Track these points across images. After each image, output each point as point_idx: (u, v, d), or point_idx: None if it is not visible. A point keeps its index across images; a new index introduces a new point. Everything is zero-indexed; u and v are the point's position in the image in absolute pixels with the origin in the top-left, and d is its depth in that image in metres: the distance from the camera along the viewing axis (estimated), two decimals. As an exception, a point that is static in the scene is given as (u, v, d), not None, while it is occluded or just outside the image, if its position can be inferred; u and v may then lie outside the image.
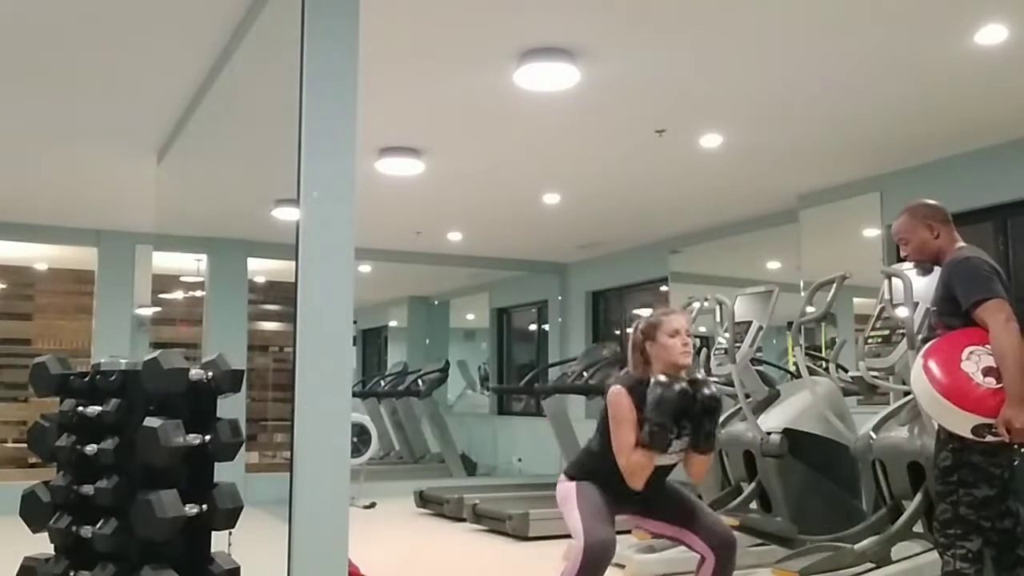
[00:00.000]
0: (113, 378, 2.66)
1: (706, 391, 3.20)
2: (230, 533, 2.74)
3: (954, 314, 3.11)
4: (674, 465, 3.34)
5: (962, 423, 2.98)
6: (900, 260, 3.63)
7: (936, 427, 3.20)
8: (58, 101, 5.06)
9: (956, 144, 5.78)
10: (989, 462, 3.00)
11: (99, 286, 8.37)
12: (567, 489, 3.31)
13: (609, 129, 5.55)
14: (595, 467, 3.29)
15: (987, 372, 2.97)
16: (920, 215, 3.30)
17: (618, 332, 9.87)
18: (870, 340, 4.63)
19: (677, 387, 3.13)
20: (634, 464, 3.16)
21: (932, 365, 3.04)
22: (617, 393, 3.23)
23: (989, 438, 2.94)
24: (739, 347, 5.36)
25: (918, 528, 4.49)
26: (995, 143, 5.71)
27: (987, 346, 3.00)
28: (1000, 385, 2.93)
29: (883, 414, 4.69)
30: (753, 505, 5.35)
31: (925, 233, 3.27)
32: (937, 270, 3.31)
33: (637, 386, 3.22)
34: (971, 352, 3.01)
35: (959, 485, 3.03)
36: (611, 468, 3.22)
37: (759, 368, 5.83)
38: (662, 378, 3.15)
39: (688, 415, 3.18)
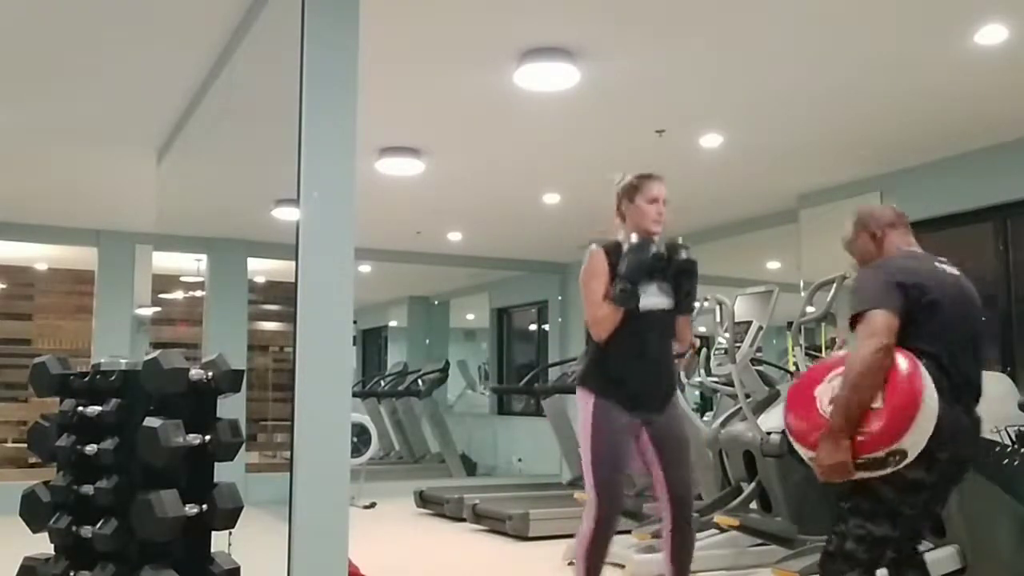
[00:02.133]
0: (113, 378, 2.66)
1: (682, 254, 3.29)
2: (230, 533, 2.74)
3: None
4: (664, 323, 3.34)
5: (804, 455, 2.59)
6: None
7: None
8: (58, 101, 5.06)
9: (956, 144, 5.78)
10: (900, 499, 2.52)
11: (99, 286, 8.37)
12: (585, 407, 3.28)
13: (609, 129, 5.55)
14: (604, 365, 3.28)
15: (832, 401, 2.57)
16: (861, 222, 2.96)
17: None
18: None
19: (651, 249, 3.22)
20: (600, 315, 3.22)
21: (794, 385, 2.80)
22: (593, 251, 3.32)
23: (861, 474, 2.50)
24: (739, 347, 5.36)
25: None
26: (995, 143, 5.70)
27: None
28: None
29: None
30: (753, 505, 5.35)
31: (865, 240, 2.93)
32: None
33: (613, 247, 3.31)
34: (837, 374, 2.59)
35: (852, 514, 2.57)
36: (611, 360, 3.26)
37: (759, 368, 5.82)
38: (636, 239, 3.24)
39: (663, 276, 3.26)
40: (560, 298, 10.41)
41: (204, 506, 2.58)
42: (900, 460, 2.45)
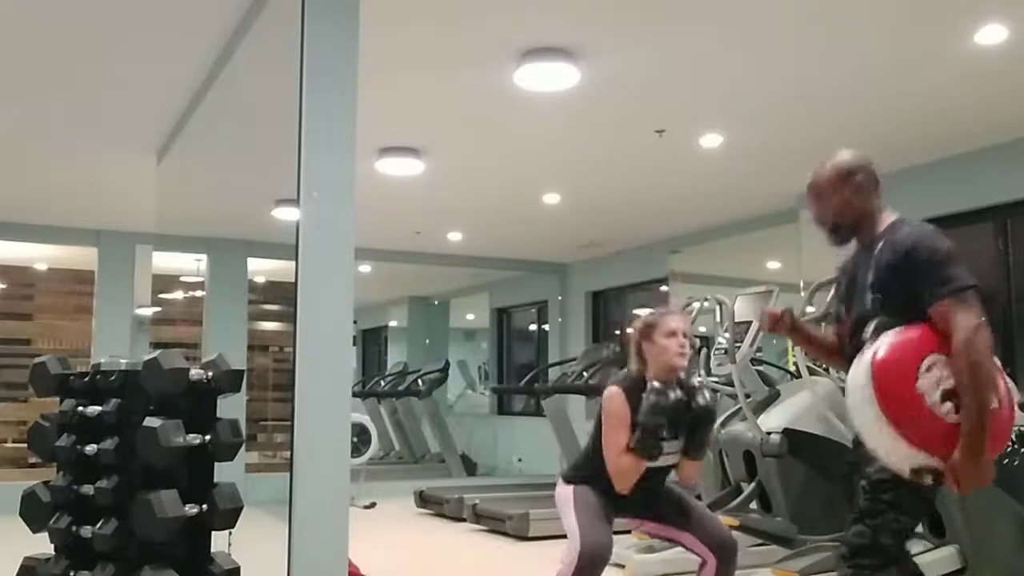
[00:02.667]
0: (113, 378, 2.66)
1: (700, 400, 3.19)
2: (230, 533, 2.74)
3: (907, 307, 2.37)
4: (670, 468, 3.33)
5: (900, 458, 2.26)
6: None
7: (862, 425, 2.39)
8: (58, 101, 5.06)
9: (956, 144, 5.78)
10: (934, 493, 2.39)
11: (99, 286, 8.37)
12: (565, 493, 3.30)
13: (609, 129, 5.55)
14: (593, 470, 3.27)
15: (947, 396, 2.26)
16: (847, 168, 2.59)
17: (618, 332, 9.87)
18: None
19: (671, 396, 3.12)
20: (623, 467, 3.15)
21: (883, 373, 2.30)
22: (613, 394, 3.23)
23: (928, 481, 2.29)
24: (739, 347, 5.36)
25: (918, 528, 4.49)
26: (995, 143, 5.70)
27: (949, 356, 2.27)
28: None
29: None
30: (753, 505, 5.35)
31: (849, 192, 2.57)
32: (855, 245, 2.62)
33: (633, 387, 3.22)
34: (932, 364, 2.28)
35: (892, 507, 2.34)
36: (612, 489, 3.22)
37: (759, 368, 5.83)
38: (657, 385, 3.14)
39: (681, 423, 3.18)
40: (560, 298, 10.41)
41: (204, 506, 2.58)
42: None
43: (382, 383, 11.56)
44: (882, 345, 2.34)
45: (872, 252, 2.52)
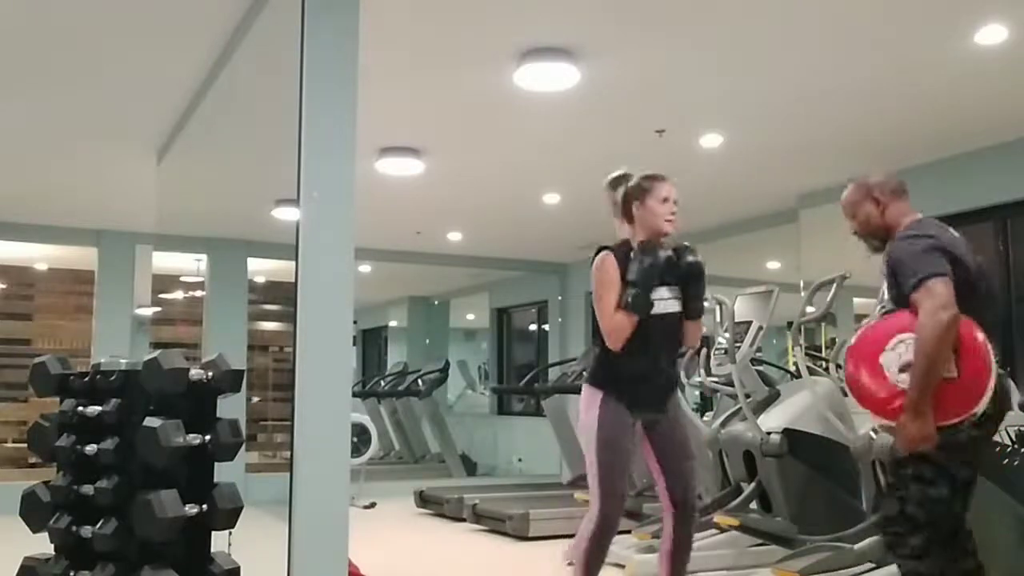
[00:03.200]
0: (113, 378, 2.66)
1: (690, 258, 3.26)
2: (230, 533, 2.74)
3: (902, 302, 2.76)
4: (674, 326, 3.34)
5: (868, 420, 2.68)
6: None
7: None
8: (58, 101, 5.06)
9: (956, 144, 5.78)
10: (949, 459, 2.69)
11: (99, 286, 8.37)
12: (591, 410, 3.24)
13: (609, 129, 5.55)
14: (613, 365, 3.25)
15: (905, 368, 2.64)
16: (865, 187, 3.01)
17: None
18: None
19: (661, 254, 3.19)
20: (616, 324, 3.18)
21: (855, 349, 2.78)
22: (602, 257, 3.28)
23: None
24: (739, 347, 5.36)
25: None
26: (995, 143, 5.70)
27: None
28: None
29: (883, 414, 4.68)
30: (753, 505, 5.35)
31: (870, 207, 2.98)
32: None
33: (622, 251, 3.27)
34: (899, 341, 2.67)
35: (913, 479, 2.72)
36: (622, 363, 3.23)
37: (759, 368, 5.83)
38: (645, 244, 3.21)
39: (673, 280, 3.24)
40: (560, 298, 10.41)
41: (204, 506, 2.58)
42: (972, 422, 2.65)
43: (382, 383, 11.56)
44: (856, 333, 2.83)
45: None
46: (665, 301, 3.24)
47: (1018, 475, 4.06)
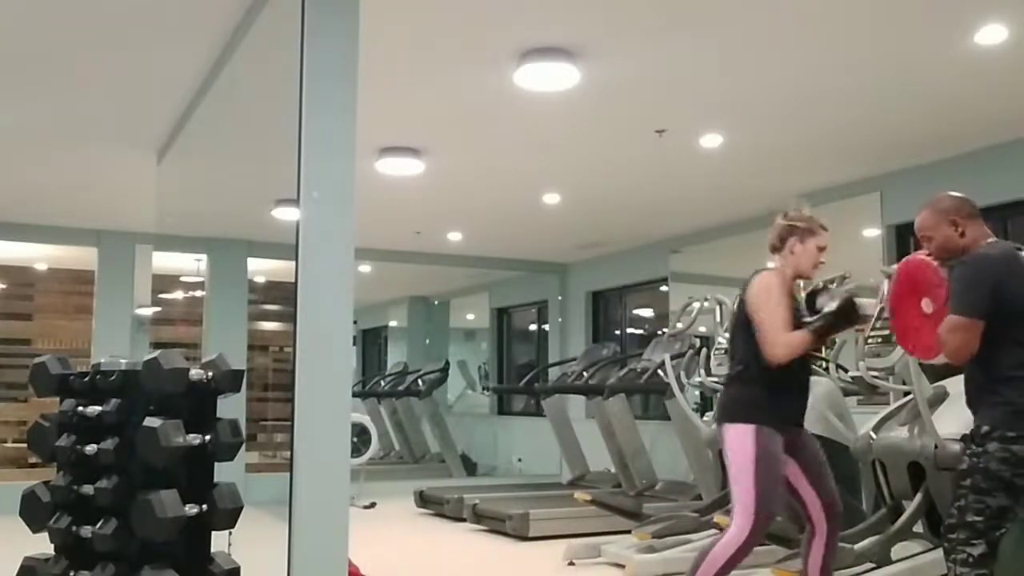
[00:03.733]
0: (113, 378, 2.66)
1: (861, 310, 3.33)
2: (230, 533, 2.74)
3: None
4: (809, 368, 3.46)
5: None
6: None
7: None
8: (58, 101, 5.06)
9: (956, 144, 5.78)
10: (1014, 472, 2.82)
11: (99, 286, 8.37)
12: (744, 438, 3.23)
13: (609, 129, 5.55)
14: (761, 389, 3.27)
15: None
16: (943, 210, 3.04)
17: (618, 332, 9.87)
18: (870, 340, 4.62)
19: (865, 306, 3.29)
20: (792, 340, 3.19)
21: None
22: (770, 274, 3.32)
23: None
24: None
25: (918, 528, 4.49)
26: (995, 143, 5.70)
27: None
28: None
29: (883, 414, 4.68)
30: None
31: (949, 230, 3.01)
32: None
33: (781, 278, 3.33)
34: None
35: (971, 491, 2.86)
36: (772, 383, 3.25)
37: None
38: (852, 290, 3.30)
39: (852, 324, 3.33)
40: (560, 298, 10.41)
41: (204, 506, 2.58)
42: None
43: (382, 383, 11.56)
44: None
45: None
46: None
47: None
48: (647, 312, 9.77)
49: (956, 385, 4.29)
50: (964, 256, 2.98)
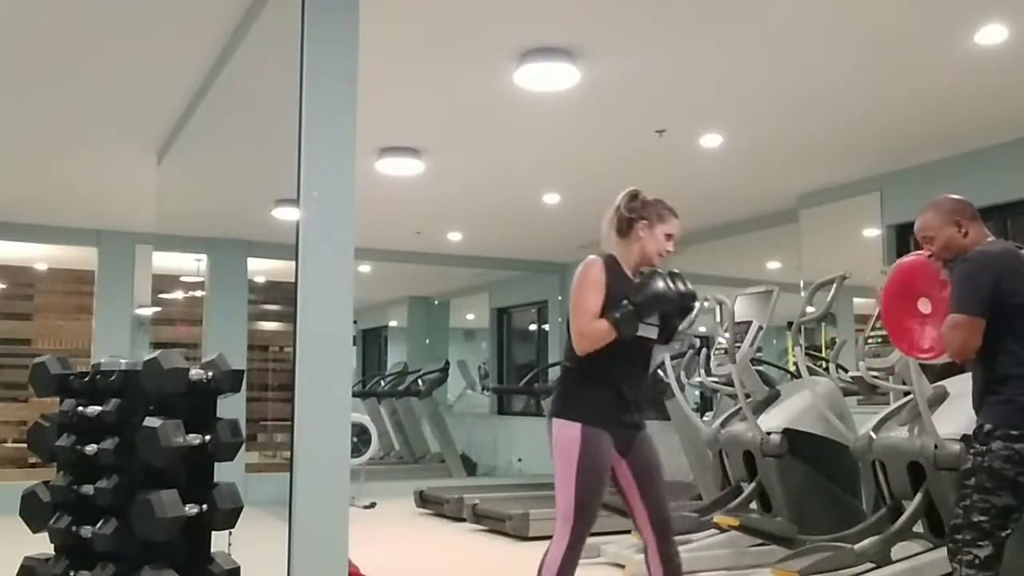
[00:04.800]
0: (113, 378, 2.66)
1: (684, 288, 3.13)
2: (230, 533, 2.74)
3: None
4: (646, 358, 3.22)
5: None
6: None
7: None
8: (58, 101, 5.06)
9: (956, 144, 5.78)
10: (1017, 470, 2.81)
11: (99, 286, 8.37)
12: (570, 441, 3.02)
13: (609, 129, 5.55)
14: (586, 387, 3.08)
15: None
16: (947, 211, 3.05)
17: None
18: (870, 340, 4.63)
19: (678, 287, 3.08)
20: (594, 330, 2.99)
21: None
22: (592, 261, 3.14)
23: None
24: (739, 347, 5.36)
25: (918, 528, 4.49)
26: (995, 143, 5.71)
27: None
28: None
29: (883, 414, 4.69)
30: (753, 505, 5.35)
31: (952, 230, 3.03)
32: None
33: (612, 264, 3.16)
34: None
35: (975, 490, 2.86)
36: (603, 381, 3.06)
37: (759, 368, 5.83)
38: (661, 271, 3.11)
39: (667, 309, 3.12)
40: (560, 298, 10.40)
41: (204, 506, 2.58)
42: None
43: (382, 383, 11.55)
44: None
45: None
46: (648, 326, 3.10)
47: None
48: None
49: (956, 385, 4.31)
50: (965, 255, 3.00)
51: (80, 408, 2.68)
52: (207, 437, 2.60)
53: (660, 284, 3.06)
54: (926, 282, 3.16)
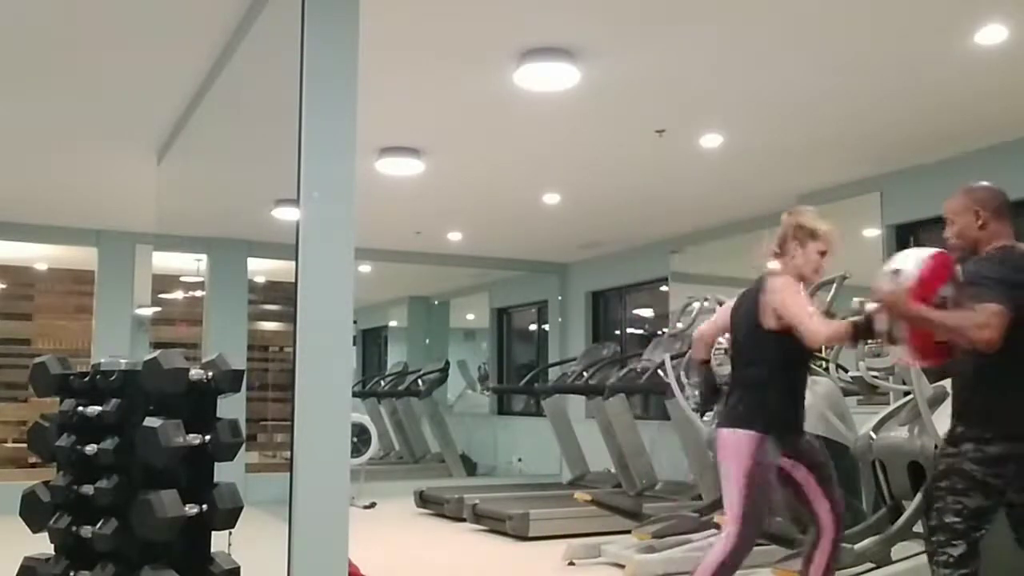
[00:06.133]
0: (113, 378, 2.66)
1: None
2: (230, 533, 2.74)
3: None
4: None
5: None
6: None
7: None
8: (58, 101, 5.06)
9: (956, 144, 5.77)
10: (986, 472, 2.83)
11: (99, 286, 8.37)
12: (746, 451, 3.17)
13: (609, 129, 5.55)
14: (772, 400, 3.22)
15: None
16: (972, 199, 3.01)
17: (618, 332, 9.87)
18: (870, 340, 4.62)
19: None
20: (833, 331, 3.11)
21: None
22: (785, 276, 3.28)
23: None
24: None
25: (918, 528, 4.48)
26: (995, 143, 5.70)
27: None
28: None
29: (883, 414, 4.69)
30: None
31: (970, 218, 2.99)
32: None
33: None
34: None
35: (948, 492, 2.88)
36: (783, 393, 3.23)
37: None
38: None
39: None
40: (560, 298, 10.40)
41: (204, 506, 2.58)
42: (1002, 435, 2.85)
43: (382, 383, 11.55)
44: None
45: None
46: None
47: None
48: (647, 312, 9.77)
49: (956, 385, 4.31)
50: (980, 254, 2.96)
51: (80, 408, 2.68)
52: (207, 437, 2.60)
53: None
54: (940, 279, 3.05)
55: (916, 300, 2.84)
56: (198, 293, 9.21)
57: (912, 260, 2.94)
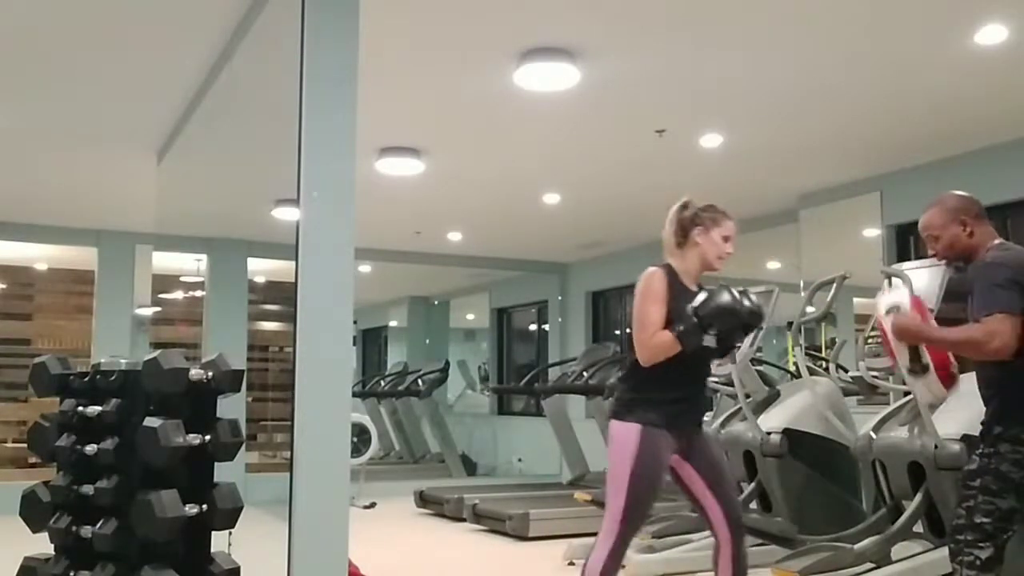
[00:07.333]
0: (113, 378, 2.66)
1: (751, 304, 3.11)
2: (230, 533, 2.74)
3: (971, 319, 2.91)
4: (707, 370, 3.28)
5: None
6: (917, 258, 3.53)
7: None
8: (58, 101, 5.06)
9: (956, 144, 5.78)
10: (1023, 474, 2.79)
11: (99, 286, 8.37)
12: (627, 435, 3.03)
13: (609, 129, 5.55)
14: (650, 390, 3.08)
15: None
16: (952, 209, 2.98)
17: (618, 332, 9.87)
18: (870, 340, 4.63)
19: (745, 303, 3.06)
20: (657, 344, 3.00)
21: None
22: (653, 272, 3.18)
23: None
24: (739, 347, 5.35)
25: (918, 528, 4.49)
26: (995, 143, 5.71)
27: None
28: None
29: (883, 414, 4.69)
30: (753, 505, 5.35)
31: (956, 229, 2.96)
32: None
33: (672, 275, 3.18)
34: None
35: (980, 492, 2.82)
36: (666, 386, 3.07)
37: (759, 368, 5.83)
38: (728, 287, 3.11)
39: (731, 325, 3.09)
40: (560, 298, 10.41)
41: (204, 506, 2.58)
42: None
43: (382, 383, 11.55)
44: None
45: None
46: (711, 337, 3.08)
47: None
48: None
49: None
50: (976, 258, 2.95)
51: (80, 408, 2.67)
52: (207, 437, 2.60)
53: (727, 297, 3.04)
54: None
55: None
56: (198, 293, 9.21)
57: (901, 295, 3.07)
